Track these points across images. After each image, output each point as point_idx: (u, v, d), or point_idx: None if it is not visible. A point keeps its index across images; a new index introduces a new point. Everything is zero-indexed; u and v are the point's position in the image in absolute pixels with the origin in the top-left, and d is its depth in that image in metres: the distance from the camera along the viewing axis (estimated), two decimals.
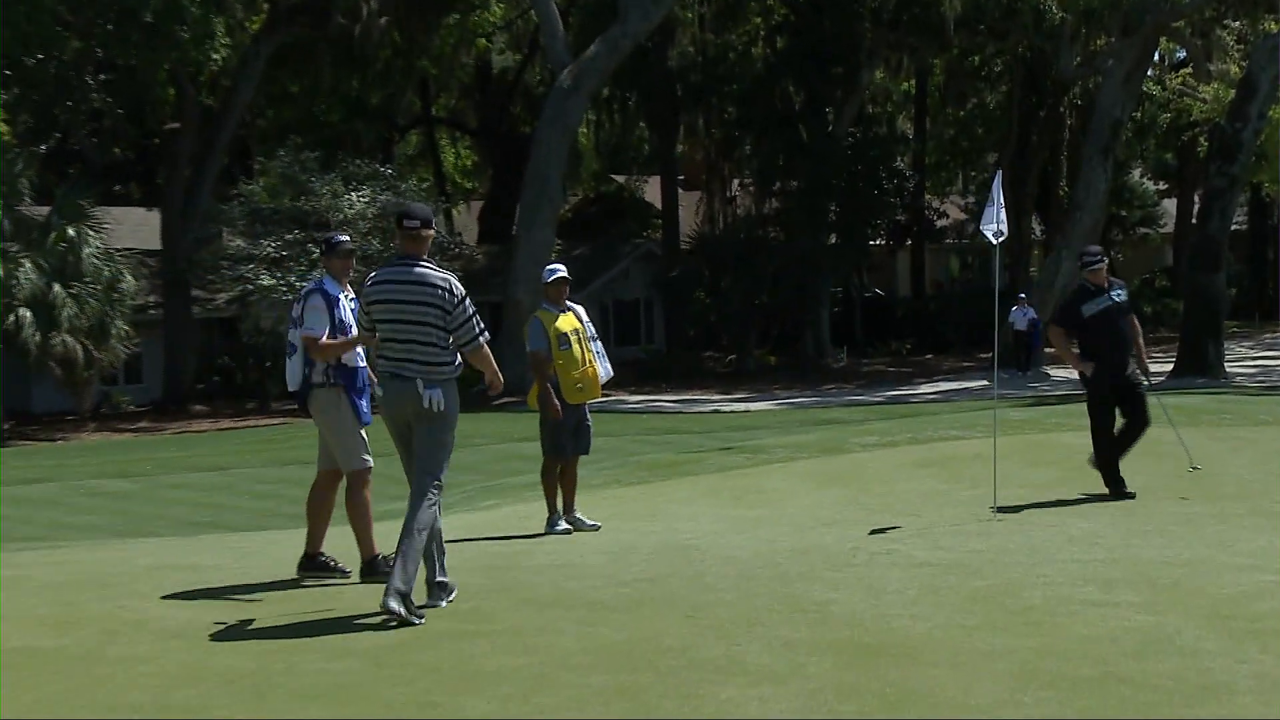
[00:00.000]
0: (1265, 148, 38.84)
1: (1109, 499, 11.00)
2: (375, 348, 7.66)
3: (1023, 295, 37.85)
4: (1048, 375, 37.45)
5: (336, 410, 8.37)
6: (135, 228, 42.28)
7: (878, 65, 47.73)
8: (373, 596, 7.60)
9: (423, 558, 7.36)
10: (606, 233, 52.96)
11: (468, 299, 7.44)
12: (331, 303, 8.37)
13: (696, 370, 44.02)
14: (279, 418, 35.59)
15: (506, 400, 34.26)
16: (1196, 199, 52.55)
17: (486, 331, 7.52)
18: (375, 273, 7.59)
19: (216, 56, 38.17)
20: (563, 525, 10.92)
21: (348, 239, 8.82)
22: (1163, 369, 31.74)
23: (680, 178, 53.20)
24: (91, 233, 34.53)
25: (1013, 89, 51.21)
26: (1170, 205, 64.93)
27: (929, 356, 47.98)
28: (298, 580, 8.46)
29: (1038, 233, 56.92)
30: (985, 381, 35.19)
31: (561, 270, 11.11)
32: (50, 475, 22.93)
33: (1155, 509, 10.72)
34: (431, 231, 7.51)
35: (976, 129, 55.93)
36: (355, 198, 37.62)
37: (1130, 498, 11.01)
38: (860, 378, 41.60)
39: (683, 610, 7.11)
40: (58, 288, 33.15)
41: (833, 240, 46.57)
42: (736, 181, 51.48)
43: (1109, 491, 11.18)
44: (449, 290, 7.35)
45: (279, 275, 36.00)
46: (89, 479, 22.40)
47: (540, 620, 6.99)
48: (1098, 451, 11.27)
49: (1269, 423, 16.82)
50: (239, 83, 41.05)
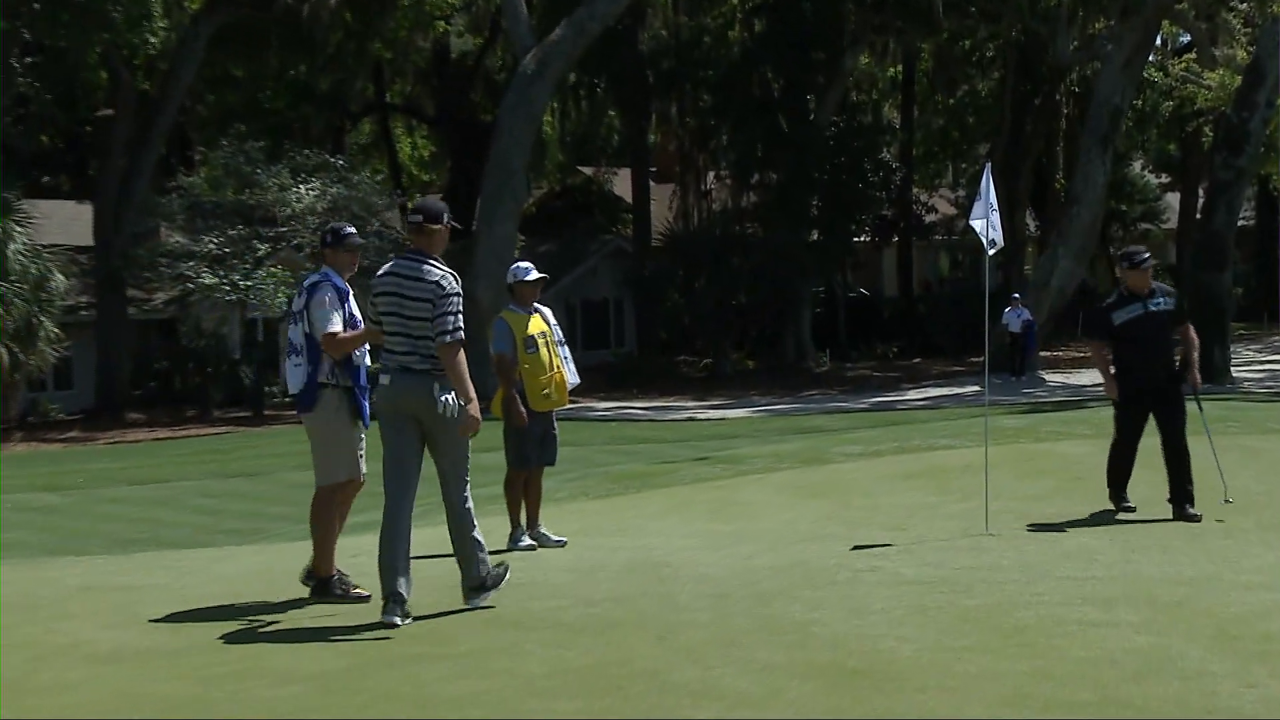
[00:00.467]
0: (1274, 138, 39.09)
1: (1112, 516, 10.93)
2: (383, 344, 8.00)
3: (1016, 295, 37.98)
4: (1043, 380, 37.60)
5: (337, 414, 8.39)
6: (66, 222, 42.05)
7: (862, 50, 47.89)
8: (321, 616, 7.58)
9: (392, 566, 7.68)
10: (573, 228, 52.96)
11: (455, 299, 7.79)
12: (343, 295, 8.41)
13: (669, 375, 44.06)
14: (221, 427, 35.45)
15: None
16: (1201, 193, 52.91)
17: (462, 333, 7.74)
18: (386, 264, 8.06)
19: (153, 39, 38.01)
20: (526, 541, 10.91)
21: (355, 231, 8.87)
22: None
23: (652, 169, 53.21)
24: (18, 228, 34.29)
25: (1006, 75, 51.43)
26: (1173, 199, 65.31)
27: (917, 360, 48.14)
28: (240, 600, 8.43)
29: (1032, 229, 57.22)
30: (976, 387, 35.32)
31: (535, 271, 11.10)
32: None
33: (1157, 523, 10.79)
34: (438, 226, 7.92)
35: (967, 118, 56.16)
36: (304, 190, 37.55)
37: (1127, 510, 11.01)
38: (844, 383, 41.70)
39: (654, 632, 7.11)
40: None
41: (814, 236, 46.68)
42: (712, 174, 51.55)
43: (1112, 506, 11.15)
44: (439, 284, 7.78)
45: (222, 274, 35.89)
46: (15, 493, 22.26)
47: (503, 642, 6.99)
48: (1110, 458, 11.21)
49: (1277, 431, 16.94)
50: (177, 66, 40.87)
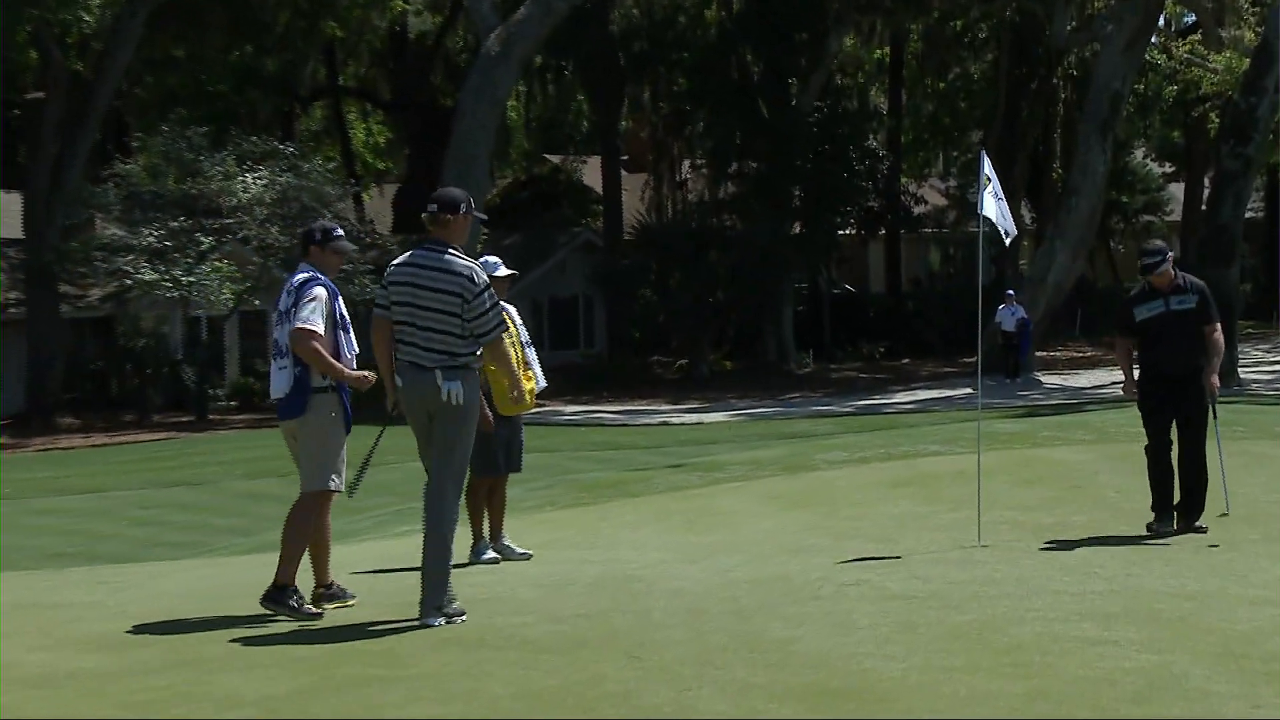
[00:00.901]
0: None
1: (1147, 535, 10.69)
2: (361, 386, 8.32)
3: (1011, 292, 38.07)
4: (1039, 382, 37.72)
5: (329, 419, 8.51)
6: None
7: (847, 31, 47.96)
8: (270, 635, 7.55)
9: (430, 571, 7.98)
10: (540, 220, 52.90)
11: (489, 291, 8.08)
12: (333, 295, 8.51)
13: (642, 377, 44.07)
14: (162, 432, 35.30)
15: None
16: (1207, 183, 53.12)
17: (505, 325, 8.21)
18: (403, 254, 8.30)
19: (87, 16, 37.83)
20: (489, 553, 10.90)
21: (342, 231, 8.97)
22: None
23: (624, 158, 53.17)
24: None
25: (1000, 58, 51.59)
26: (1177, 190, 65.60)
27: (906, 361, 48.27)
28: (182, 618, 8.40)
29: (1028, 221, 57.34)
30: (969, 389, 35.42)
31: (503, 266, 11.10)
32: None
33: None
34: (453, 217, 8.16)
35: (958, 103, 56.31)
36: (251, 179, 37.41)
37: (1160, 535, 10.62)
38: (828, 385, 41.77)
39: (626, 650, 7.11)
40: None
41: (796, 229, 46.73)
42: (688, 163, 51.58)
43: (1153, 520, 10.80)
44: (470, 278, 8.02)
45: (162, 269, 35.74)
46: None
47: (463, 663, 6.97)
48: (1149, 471, 10.90)
49: None
50: (113, 46, 40.65)
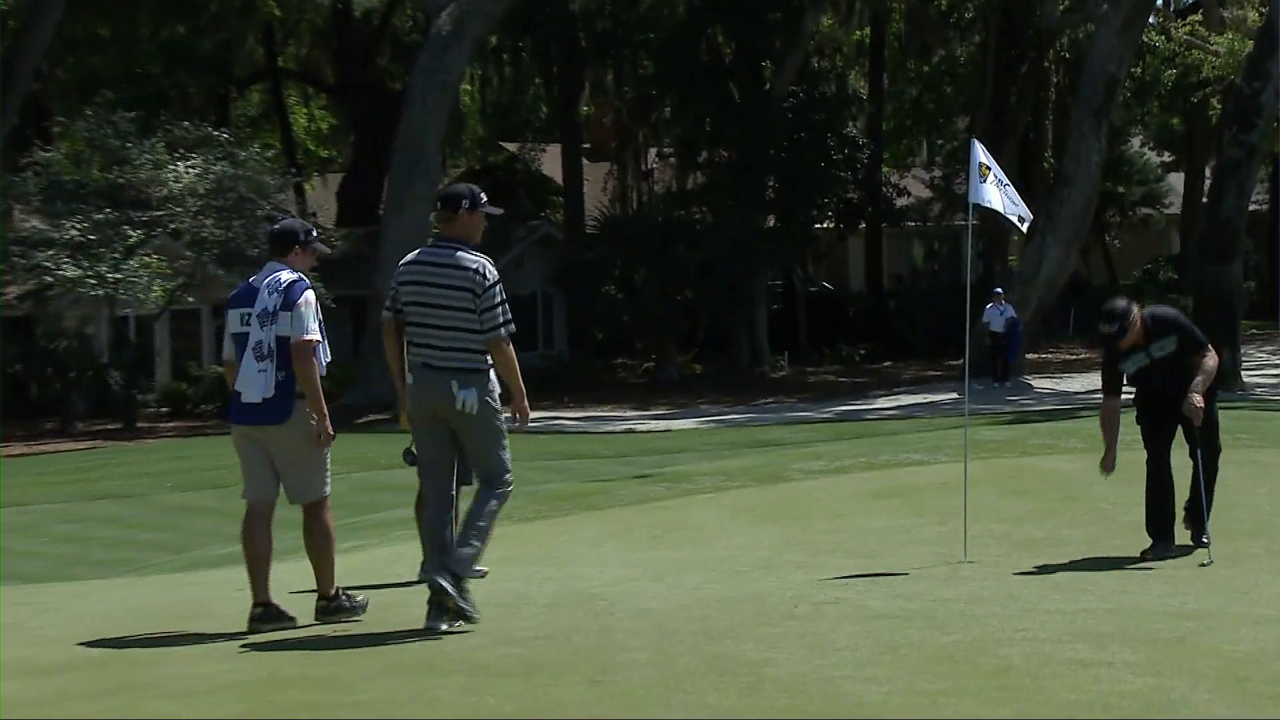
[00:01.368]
0: None
1: (1150, 554, 10.64)
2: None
3: (999, 290, 38.17)
4: (1030, 386, 37.86)
5: (313, 423, 8.73)
6: None
7: (824, 10, 48.09)
8: (206, 661, 7.52)
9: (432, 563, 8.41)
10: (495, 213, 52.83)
11: (499, 287, 8.41)
12: (318, 301, 8.82)
13: (606, 381, 44.07)
14: (86, 441, 35.11)
15: (373, 419, 34.07)
16: (1208, 173, 53.40)
17: (513, 325, 8.41)
18: (412, 252, 8.63)
19: None
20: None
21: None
22: None
23: (585, 146, 53.23)
24: None
25: (988, 39, 51.78)
26: (1176, 181, 65.93)
27: (887, 364, 48.38)
28: (107, 641, 8.36)
29: None
30: (955, 394, 35.53)
31: None
32: None
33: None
34: (456, 213, 8.51)
35: (944, 88, 56.49)
36: (183, 168, 37.24)
37: (1166, 556, 10.60)
38: (804, 389, 41.84)
39: (587, 674, 7.11)
40: None
41: (771, 223, 46.81)
42: (654, 151, 51.61)
43: (1153, 542, 10.76)
44: (479, 272, 8.36)
45: (86, 264, 35.53)
46: None
47: (411, 689, 6.96)
48: (1146, 491, 10.85)
49: None
50: (32, 24, 40.45)
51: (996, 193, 11.14)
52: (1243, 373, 34.72)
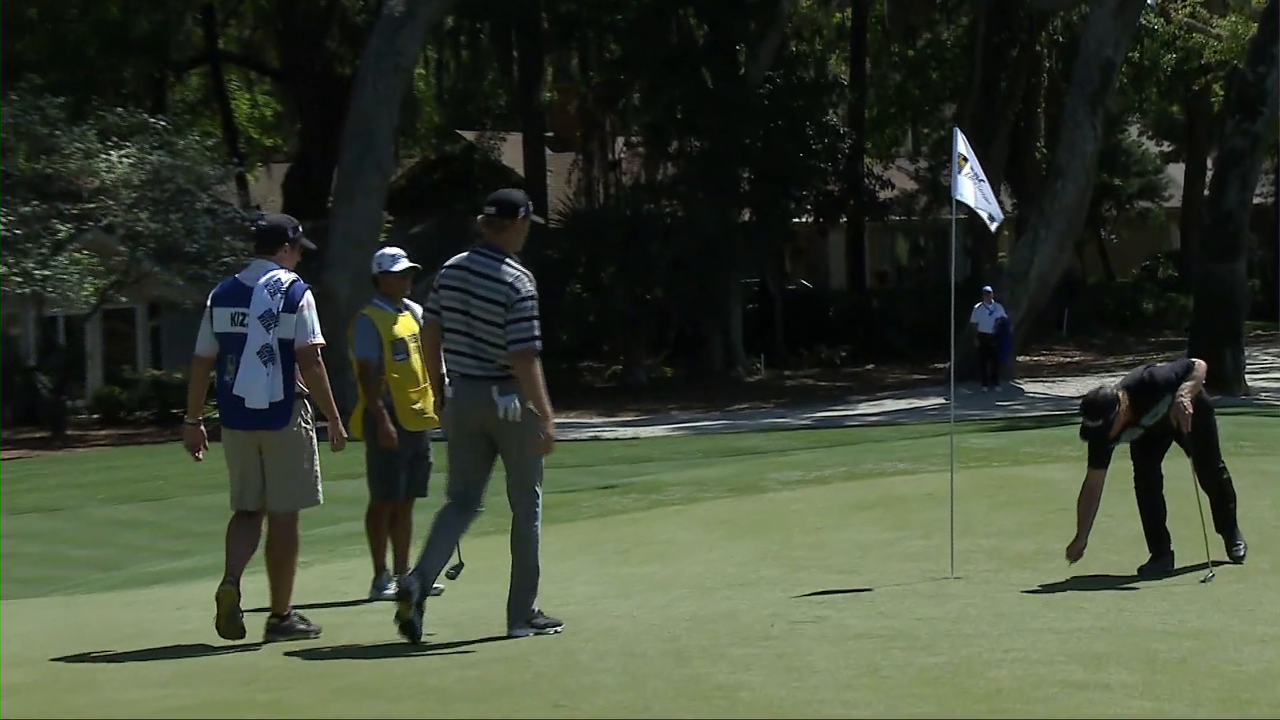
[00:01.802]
0: None
1: (1148, 570, 10.72)
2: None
3: (988, 288, 38.17)
4: (1021, 391, 37.95)
5: (310, 427, 9.19)
6: None
7: None
8: (133, 680, 7.49)
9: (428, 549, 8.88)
10: (451, 206, 52.75)
11: (532, 302, 8.71)
12: None
13: (570, 385, 44.02)
14: (12, 450, 34.92)
15: (320, 426, 33.97)
16: (1210, 164, 53.66)
17: (540, 341, 8.68)
18: (457, 256, 8.88)
19: None
20: (394, 588, 10.87)
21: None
22: None
23: (548, 135, 53.17)
24: None
25: (976, 21, 51.90)
26: (1176, 172, 66.21)
27: (870, 367, 48.45)
28: (33, 664, 8.32)
29: (1008, 207, 57.70)
30: (941, 399, 35.61)
31: (406, 259, 11.14)
32: None
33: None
34: (512, 221, 8.84)
35: (930, 73, 56.57)
36: (116, 158, 37.10)
37: (1163, 569, 10.70)
38: (781, 394, 41.88)
39: (549, 699, 7.11)
40: None
41: (746, 217, 46.83)
42: (621, 140, 51.58)
43: (1151, 557, 10.89)
44: (513, 287, 8.65)
45: (11, 261, 35.36)
46: None
47: (362, 715, 6.95)
48: (1139, 508, 11.00)
49: None
50: None
51: (971, 186, 11.19)
52: (1246, 377, 34.77)
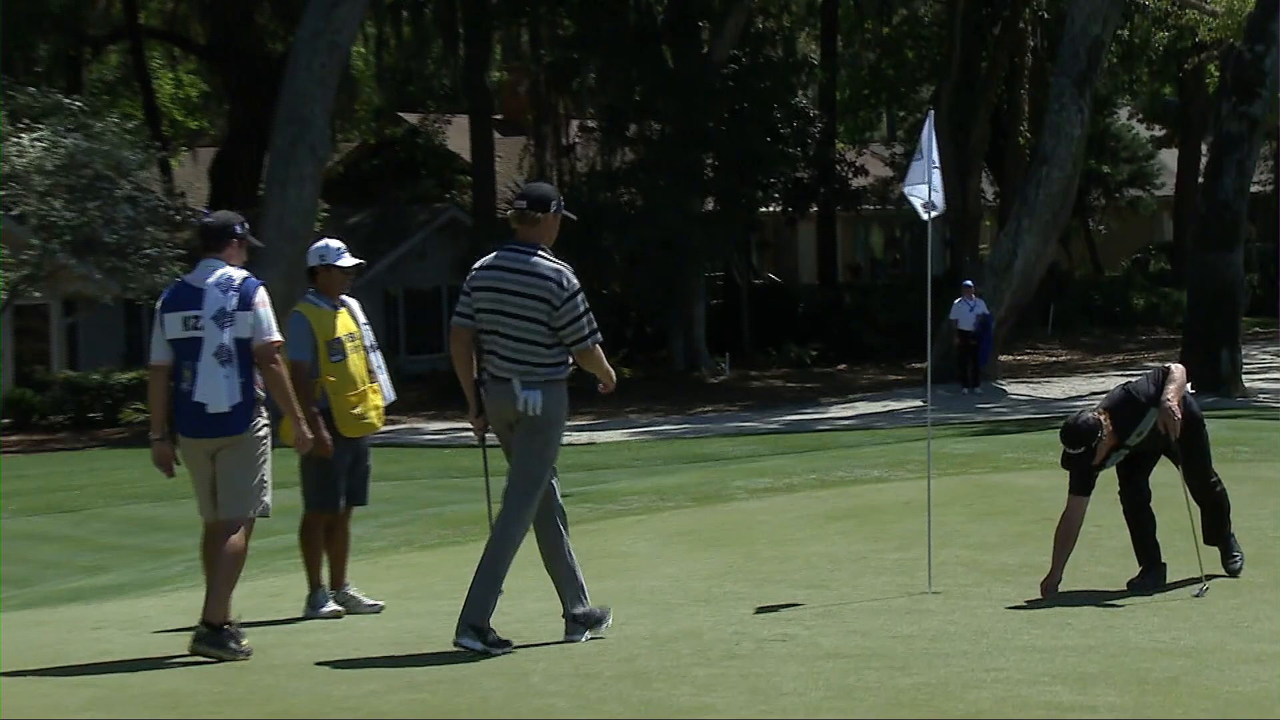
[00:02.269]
0: None
1: (1138, 585, 10.76)
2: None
3: (969, 283, 38.30)
4: (1003, 392, 38.08)
5: (265, 432, 9.36)
6: None
7: None
8: (44, 706, 7.47)
9: (557, 585, 9.28)
10: (393, 194, 52.64)
11: (580, 295, 9.05)
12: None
13: None
14: None
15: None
16: (1205, 149, 53.90)
17: (599, 333, 9.12)
18: (487, 256, 9.24)
19: None
20: (330, 605, 10.86)
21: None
22: None
23: (497, 117, 53.08)
24: None
25: None
26: (1169, 158, 66.55)
27: (842, 367, 48.55)
28: None
29: (989, 195, 57.99)
30: (918, 401, 35.70)
31: (348, 253, 11.11)
32: None
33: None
34: (544, 215, 9.23)
35: (905, 52, 56.74)
36: (27, 141, 36.88)
37: (1154, 584, 10.72)
38: (747, 396, 41.93)
39: None
40: None
41: (710, 207, 46.85)
42: (576, 124, 51.56)
43: (1141, 571, 10.94)
44: (558, 283, 8.98)
45: None
46: None
47: None
48: (1125, 516, 11.07)
49: None
50: None
51: (920, 169, 11.23)
52: (1243, 377, 34.90)
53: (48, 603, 14.80)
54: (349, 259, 11.09)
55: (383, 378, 11.29)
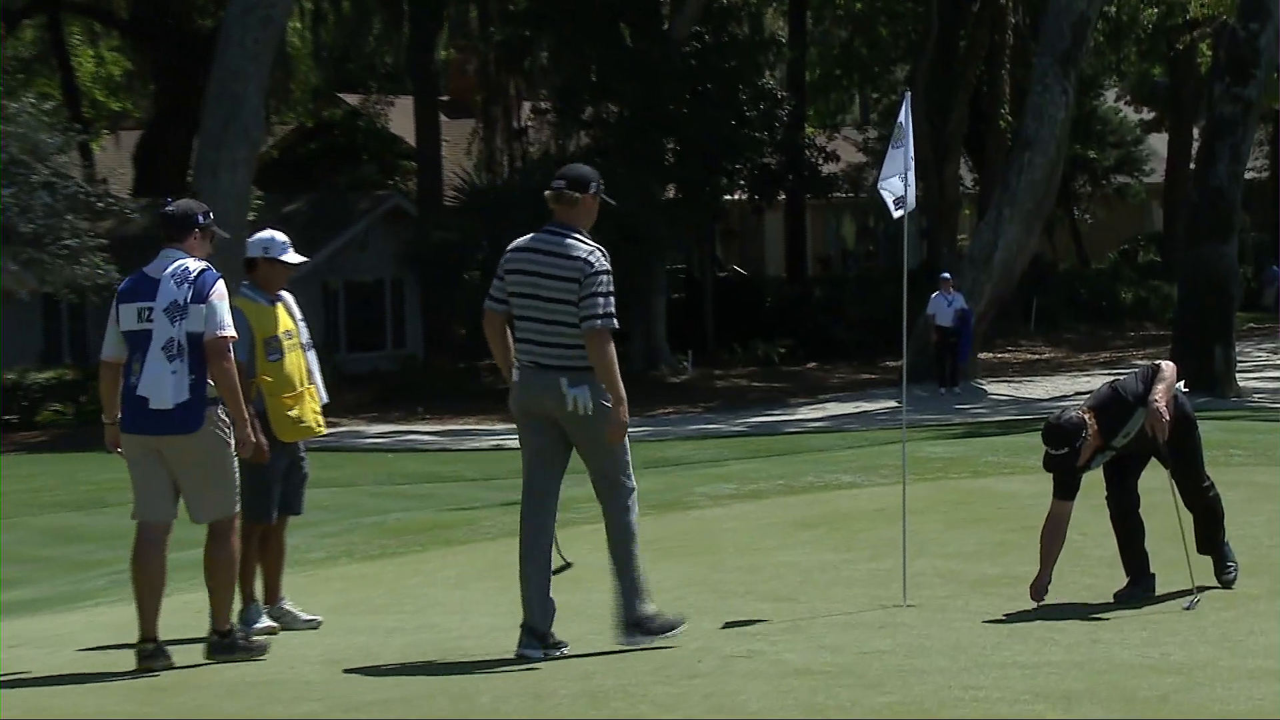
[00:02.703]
0: None
1: (1125, 596, 10.81)
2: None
3: (947, 275, 38.36)
4: (983, 392, 38.18)
5: (226, 430, 9.50)
6: None
7: None
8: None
9: (530, 597, 9.41)
10: (332, 180, 52.50)
11: (607, 278, 9.29)
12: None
13: (470, 388, 43.93)
14: None
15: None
16: (1197, 134, 54.12)
17: (615, 320, 9.24)
18: (522, 239, 9.51)
19: None
20: (264, 621, 10.83)
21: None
22: None
23: (444, 99, 53.02)
24: None
25: None
26: (1159, 142, 66.78)
27: (812, 365, 48.60)
28: None
29: (969, 183, 58.16)
30: (893, 402, 35.76)
31: (292, 249, 11.07)
32: None
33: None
34: (583, 195, 9.45)
35: (880, 29, 56.82)
36: None
37: (1141, 595, 10.79)
38: (711, 396, 41.95)
39: None
40: None
41: (671, 194, 46.85)
42: (529, 106, 51.51)
43: (1129, 582, 10.98)
44: (586, 260, 9.28)
45: None
46: None
47: None
48: (1112, 523, 11.08)
49: None
50: None
51: (897, 159, 11.26)
52: (1238, 375, 34.99)
53: None
54: (295, 255, 11.06)
55: (318, 379, 11.26)
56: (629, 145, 44.86)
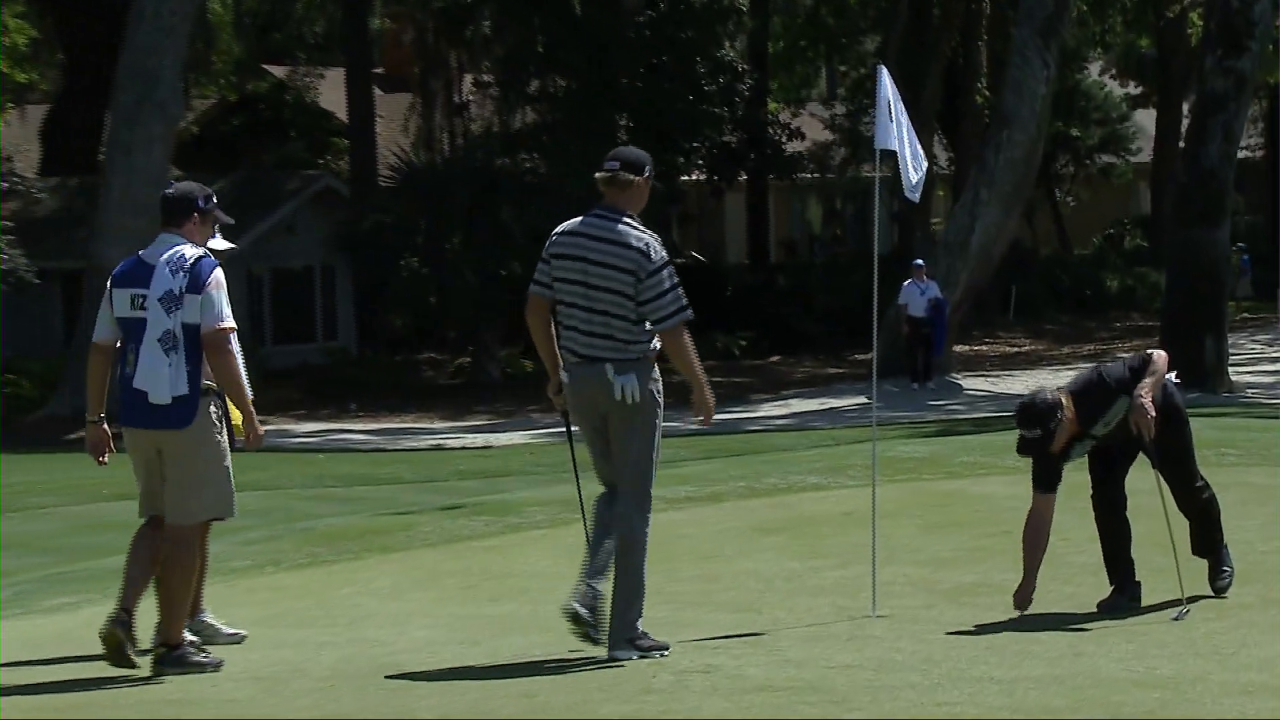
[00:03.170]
0: None
1: (1109, 606, 10.85)
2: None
3: (920, 262, 38.31)
4: (958, 387, 38.25)
5: (219, 425, 9.68)
6: None
7: None
8: None
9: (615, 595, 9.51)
10: (257, 158, 52.35)
11: (669, 269, 9.48)
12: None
13: (406, 383, 43.88)
14: None
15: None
16: (1186, 110, 54.31)
17: (688, 310, 9.52)
18: (569, 222, 9.66)
19: None
20: (186, 635, 10.80)
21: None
22: None
23: (378, 71, 52.93)
24: None
25: None
26: (1146, 119, 67.01)
27: (775, 359, 48.65)
28: None
29: (943, 163, 58.20)
30: (862, 398, 35.84)
31: (220, 236, 11.02)
32: None
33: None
34: (637, 179, 9.59)
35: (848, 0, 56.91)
36: None
37: (1127, 604, 10.82)
38: (667, 393, 41.87)
39: None
40: None
41: None
42: (470, 79, 51.43)
43: (1113, 590, 11.02)
44: (644, 253, 9.41)
45: None
46: None
47: None
48: (1098, 530, 11.10)
49: None
50: None
51: (902, 136, 11.23)
52: (1230, 369, 35.10)
53: None
54: (223, 242, 11.02)
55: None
56: (577, 121, 44.85)
